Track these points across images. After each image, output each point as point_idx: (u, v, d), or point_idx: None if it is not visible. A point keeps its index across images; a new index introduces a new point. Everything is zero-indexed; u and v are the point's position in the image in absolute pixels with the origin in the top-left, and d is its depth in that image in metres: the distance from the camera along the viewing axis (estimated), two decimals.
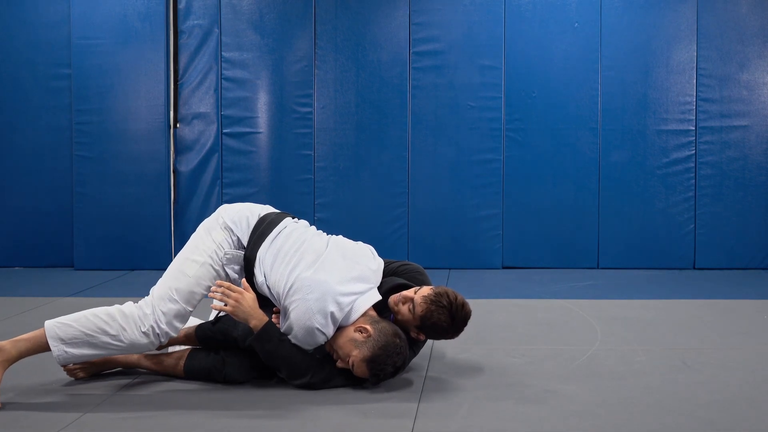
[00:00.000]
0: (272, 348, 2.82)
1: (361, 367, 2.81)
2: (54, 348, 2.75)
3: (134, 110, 5.81)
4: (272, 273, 2.89)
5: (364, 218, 5.83)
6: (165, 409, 2.70)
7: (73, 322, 2.78)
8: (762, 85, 5.74)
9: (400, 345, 2.82)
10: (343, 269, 2.88)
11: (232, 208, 3.07)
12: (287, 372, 2.87)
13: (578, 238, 5.85)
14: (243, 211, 3.04)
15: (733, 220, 5.78)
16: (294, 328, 2.80)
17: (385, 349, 2.79)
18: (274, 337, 2.82)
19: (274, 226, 2.99)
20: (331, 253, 2.94)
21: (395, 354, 2.81)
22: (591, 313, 4.22)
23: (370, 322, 2.84)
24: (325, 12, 5.85)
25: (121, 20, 5.78)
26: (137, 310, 2.82)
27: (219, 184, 5.89)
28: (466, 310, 2.97)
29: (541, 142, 5.82)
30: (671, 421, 2.58)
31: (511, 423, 2.58)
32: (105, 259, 5.82)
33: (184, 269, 2.90)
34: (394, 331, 2.84)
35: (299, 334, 2.80)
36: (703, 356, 3.35)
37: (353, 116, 5.88)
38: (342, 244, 3.03)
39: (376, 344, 2.78)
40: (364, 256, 3.02)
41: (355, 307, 2.85)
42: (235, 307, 2.80)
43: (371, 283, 2.97)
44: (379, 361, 2.79)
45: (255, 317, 2.82)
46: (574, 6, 5.77)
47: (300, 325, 2.78)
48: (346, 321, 2.84)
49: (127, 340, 2.78)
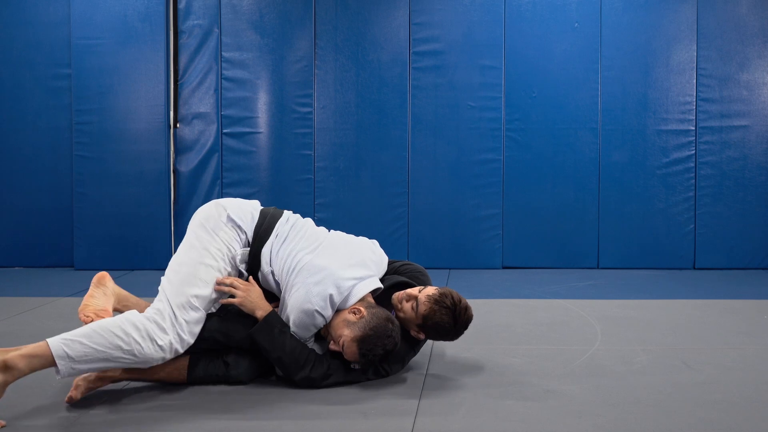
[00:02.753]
0: (274, 338, 2.85)
1: (351, 347, 2.82)
2: (62, 367, 2.60)
3: (134, 110, 5.81)
4: (277, 260, 2.96)
5: (364, 218, 5.83)
6: (165, 410, 2.70)
7: (84, 339, 2.64)
8: (762, 85, 5.75)
9: (391, 329, 2.83)
10: (344, 255, 2.95)
11: (232, 204, 3.05)
12: (287, 364, 2.87)
13: (578, 238, 5.85)
14: (245, 206, 3.06)
15: (733, 220, 5.78)
16: (294, 310, 2.85)
17: (375, 330, 2.81)
18: (276, 327, 2.86)
19: (276, 219, 3.05)
20: (333, 240, 3.03)
21: (386, 336, 2.82)
22: (591, 313, 4.22)
23: (366, 305, 2.88)
24: (325, 12, 5.85)
25: (121, 20, 5.78)
26: (151, 324, 2.73)
27: (219, 184, 5.89)
28: (469, 314, 3.00)
29: (541, 142, 5.82)
30: (671, 421, 2.58)
31: (511, 423, 2.58)
32: (105, 259, 5.82)
33: (200, 275, 2.85)
34: (387, 316, 2.87)
35: (298, 317, 2.84)
36: (703, 356, 3.35)
37: (353, 116, 5.88)
38: (343, 235, 3.13)
39: (368, 325, 2.81)
40: (364, 246, 3.09)
41: (354, 292, 2.89)
42: (243, 298, 2.88)
43: (372, 271, 3.01)
44: (369, 342, 2.80)
45: (261, 308, 2.90)
46: (574, 6, 5.77)
47: (299, 307, 2.83)
48: (344, 305, 2.88)
49: (141, 355, 2.69)
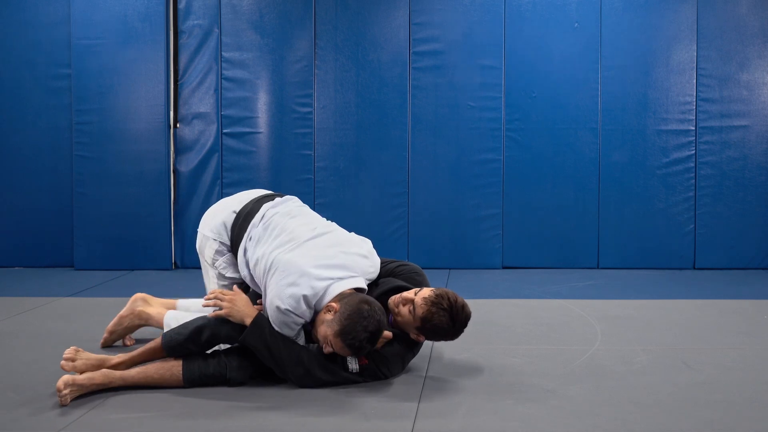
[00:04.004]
0: (265, 339, 2.85)
1: (338, 344, 2.81)
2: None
3: (134, 110, 5.81)
4: (252, 263, 3.02)
5: (364, 218, 5.83)
6: (164, 410, 2.70)
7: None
8: (762, 85, 5.74)
9: (366, 310, 2.79)
10: (323, 256, 2.93)
11: (208, 218, 3.31)
12: (281, 362, 2.87)
13: (578, 238, 5.85)
14: (218, 216, 3.26)
15: (733, 220, 5.78)
16: (270, 310, 2.86)
17: (351, 318, 2.77)
18: (266, 329, 2.86)
19: (249, 220, 3.15)
20: (318, 241, 3.01)
21: (362, 319, 2.77)
22: (591, 313, 4.22)
23: (339, 298, 2.86)
24: (325, 12, 5.85)
25: (121, 20, 5.78)
26: None
27: (219, 184, 5.89)
28: (467, 312, 2.97)
29: (541, 142, 5.82)
30: (671, 421, 2.58)
31: (511, 423, 2.58)
32: (105, 259, 5.82)
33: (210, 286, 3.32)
34: (360, 299, 2.83)
35: (274, 316, 2.85)
36: (703, 356, 3.35)
37: (353, 116, 5.88)
38: (333, 235, 3.10)
39: (342, 316, 2.79)
40: (353, 247, 3.06)
41: (330, 291, 2.87)
42: (229, 308, 2.88)
43: (354, 273, 2.98)
44: (349, 331, 2.77)
45: (249, 315, 2.89)
46: (574, 6, 5.77)
47: (273, 306, 2.83)
48: (320, 305, 2.87)
49: None
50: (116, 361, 2.95)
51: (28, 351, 3.44)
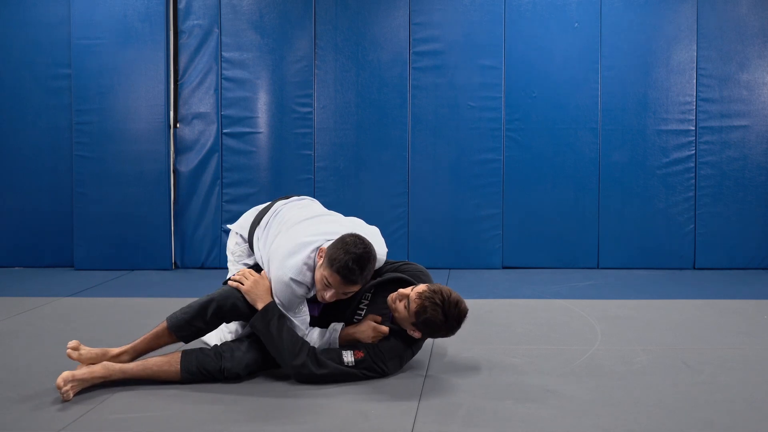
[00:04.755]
0: (270, 325, 2.94)
1: (330, 276, 2.93)
2: None
3: (134, 110, 5.81)
4: (260, 248, 3.23)
5: (364, 218, 5.75)
6: (164, 410, 2.70)
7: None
8: (762, 85, 5.74)
9: (350, 237, 2.95)
10: (318, 229, 3.11)
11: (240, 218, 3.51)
12: (282, 351, 2.93)
13: (578, 238, 5.85)
14: (246, 216, 3.45)
15: (733, 220, 5.78)
16: (275, 287, 2.99)
17: (335, 245, 2.94)
18: (274, 316, 2.97)
19: (265, 212, 3.34)
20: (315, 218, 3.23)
21: (345, 244, 2.93)
22: (591, 313, 4.22)
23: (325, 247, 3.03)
24: (325, 12, 5.85)
25: (121, 20, 5.78)
26: None
27: (219, 184, 5.89)
28: (461, 308, 2.98)
29: (541, 142, 5.81)
30: (671, 421, 2.58)
31: (511, 423, 2.58)
32: (105, 259, 5.82)
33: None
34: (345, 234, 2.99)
35: (279, 290, 2.98)
36: (703, 356, 3.35)
37: (353, 116, 5.88)
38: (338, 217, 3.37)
39: (329, 250, 2.95)
40: (358, 228, 3.24)
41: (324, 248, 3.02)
42: (250, 287, 3.02)
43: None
44: (336, 257, 2.91)
45: (264, 300, 3.01)
46: (574, 6, 5.77)
47: (278, 281, 2.98)
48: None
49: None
50: (118, 351, 2.98)
51: (28, 351, 3.44)
